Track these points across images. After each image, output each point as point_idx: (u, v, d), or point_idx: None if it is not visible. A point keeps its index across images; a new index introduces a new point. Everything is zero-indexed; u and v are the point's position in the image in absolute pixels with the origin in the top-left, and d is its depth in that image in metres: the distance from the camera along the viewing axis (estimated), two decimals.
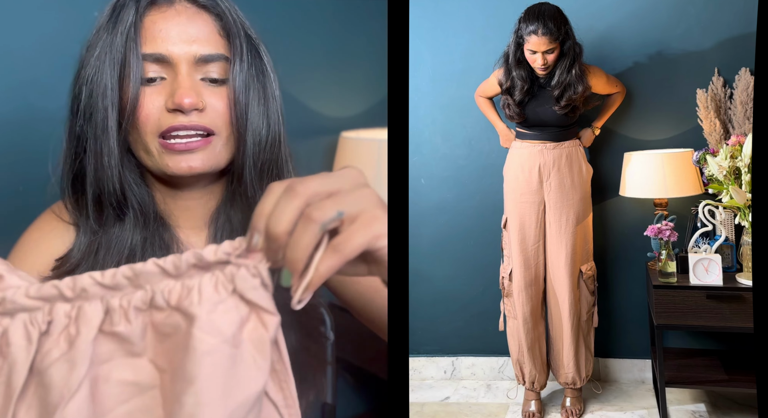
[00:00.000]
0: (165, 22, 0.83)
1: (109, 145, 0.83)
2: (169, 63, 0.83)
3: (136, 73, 0.82)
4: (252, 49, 0.88)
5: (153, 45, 0.83)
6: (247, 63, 0.86)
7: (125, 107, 0.82)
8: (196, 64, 0.84)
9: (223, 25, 0.87)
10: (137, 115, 0.82)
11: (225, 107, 0.85)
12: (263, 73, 0.89)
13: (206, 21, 0.86)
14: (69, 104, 0.87)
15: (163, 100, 0.83)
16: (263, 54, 0.90)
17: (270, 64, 0.91)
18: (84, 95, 0.84)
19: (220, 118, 0.85)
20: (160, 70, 0.83)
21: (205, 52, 0.84)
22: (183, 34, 0.83)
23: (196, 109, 0.83)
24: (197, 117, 0.83)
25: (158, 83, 0.83)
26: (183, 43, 0.83)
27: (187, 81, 0.83)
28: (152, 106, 0.82)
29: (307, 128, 2.02)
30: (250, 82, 0.86)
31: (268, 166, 0.89)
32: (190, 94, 0.81)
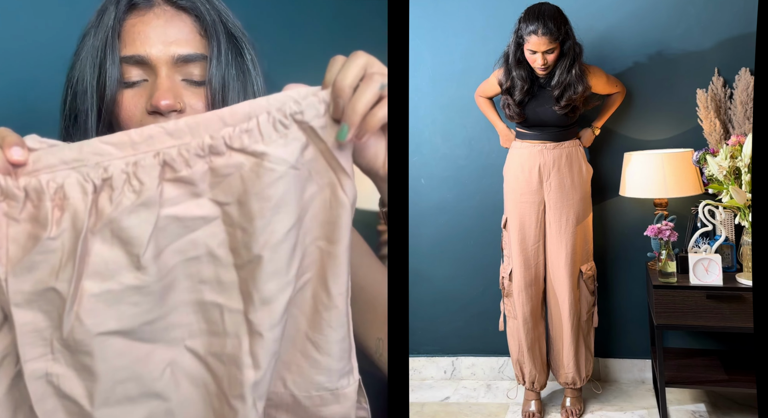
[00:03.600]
0: (144, 26, 0.85)
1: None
2: (149, 65, 0.84)
3: (112, 75, 0.83)
4: (233, 48, 0.89)
5: (132, 47, 0.84)
6: (225, 62, 0.87)
7: (104, 109, 0.84)
8: (176, 65, 0.85)
9: (203, 26, 0.87)
10: (120, 117, 0.84)
11: (204, 108, 0.86)
12: (243, 72, 0.89)
13: (185, 22, 0.87)
14: (60, 108, 0.90)
15: (144, 102, 0.84)
16: (246, 52, 0.90)
17: (253, 62, 0.91)
18: (69, 98, 0.87)
19: None
20: (141, 72, 0.84)
21: (183, 52, 0.85)
22: (161, 36, 0.84)
23: (174, 111, 0.83)
24: (176, 119, 0.84)
25: (140, 86, 0.85)
26: (161, 44, 0.84)
27: (165, 83, 0.83)
28: (134, 108, 0.84)
29: None
30: (230, 81, 0.87)
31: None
32: (167, 96, 0.82)
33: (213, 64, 0.86)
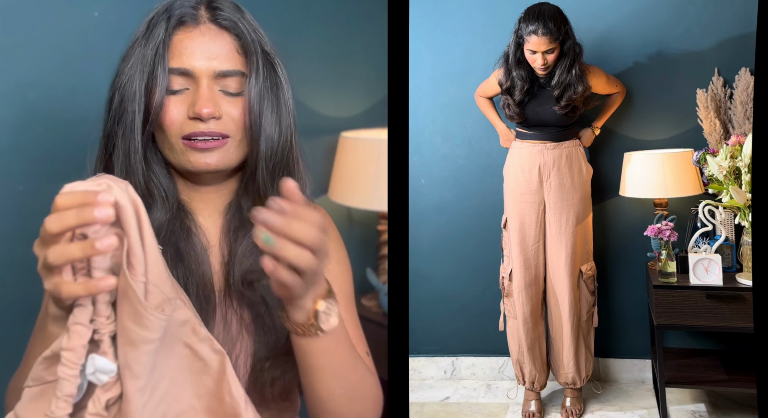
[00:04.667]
0: (190, 41, 0.95)
1: (135, 144, 0.95)
2: (192, 76, 0.95)
3: (162, 83, 0.93)
4: (267, 64, 0.99)
5: (179, 60, 0.95)
6: (263, 77, 0.98)
7: (151, 112, 0.94)
8: (216, 78, 0.95)
9: (241, 44, 0.98)
10: (163, 120, 0.94)
11: (240, 115, 0.97)
12: (277, 86, 1.00)
13: (226, 40, 0.97)
14: (105, 106, 0.98)
15: (186, 109, 0.94)
16: (278, 67, 1.01)
17: (284, 76, 1.02)
18: (116, 100, 0.96)
19: (235, 125, 0.96)
20: (184, 82, 0.95)
21: (223, 69, 0.95)
22: (205, 52, 0.95)
23: (213, 118, 0.94)
24: (214, 124, 0.95)
25: (183, 93, 0.95)
26: (205, 59, 0.95)
27: (206, 93, 0.94)
28: (177, 112, 0.94)
29: (307, 128, 2.02)
30: (265, 93, 0.98)
31: (279, 166, 1.00)
32: (208, 104, 0.93)
33: (252, 78, 0.97)
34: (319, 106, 2.08)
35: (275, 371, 0.96)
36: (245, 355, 0.96)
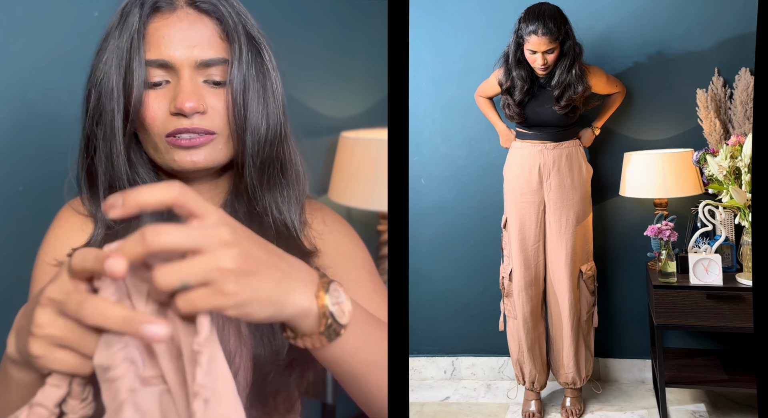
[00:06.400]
0: (167, 29, 0.86)
1: (117, 146, 0.87)
2: (173, 68, 0.86)
3: (139, 77, 0.85)
4: (252, 50, 0.90)
5: (157, 51, 0.86)
6: (246, 64, 0.89)
7: (132, 110, 0.86)
8: (198, 68, 0.87)
9: (224, 29, 0.89)
10: (144, 117, 0.86)
11: (224, 108, 0.88)
12: (263, 73, 0.91)
13: (207, 25, 0.88)
14: (82, 106, 0.91)
15: (168, 103, 0.86)
16: (264, 54, 0.92)
17: (272, 63, 0.93)
18: (93, 98, 0.88)
19: (221, 119, 0.88)
20: (164, 74, 0.87)
21: (205, 57, 0.87)
22: (185, 40, 0.86)
23: (197, 112, 0.86)
24: (199, 119, 0.87)
25: (163, 87, 0.87)
26: (185, 48, 0.86)
27: (189, 85, 0.86)
28: (158, 108, 0.86)
29: (307, 128, 2.02)
30: (250, 82, 0.89)
31: (269, 162, 0.92)
32: (191, 98, 0.85)
33: (234, 66, 0.88)
34: (319, 106, 2.08)
35: (278, 383, 0.89)
36: (245, 370, 0.88)
